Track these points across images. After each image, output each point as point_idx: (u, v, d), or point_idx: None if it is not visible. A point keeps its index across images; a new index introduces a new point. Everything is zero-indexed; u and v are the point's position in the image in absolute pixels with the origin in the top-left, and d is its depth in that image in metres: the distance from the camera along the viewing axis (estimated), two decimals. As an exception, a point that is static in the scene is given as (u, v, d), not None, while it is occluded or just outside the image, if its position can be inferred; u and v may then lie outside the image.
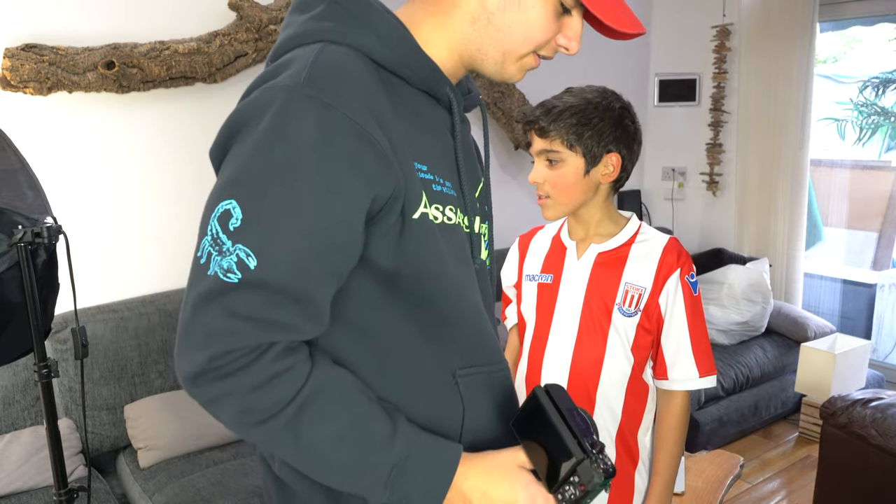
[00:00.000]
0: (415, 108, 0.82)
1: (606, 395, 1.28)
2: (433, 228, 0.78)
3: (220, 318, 0.68)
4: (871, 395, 2.27)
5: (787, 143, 3.72)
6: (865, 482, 2.17)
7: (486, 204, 0.97)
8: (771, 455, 3.17)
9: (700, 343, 1.28)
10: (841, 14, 3.72)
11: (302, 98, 0.70)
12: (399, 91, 0.80)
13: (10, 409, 2.23)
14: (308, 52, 0.75)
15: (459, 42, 0.83)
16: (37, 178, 1.38)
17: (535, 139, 1.27)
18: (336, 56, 0.74)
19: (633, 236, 1.31)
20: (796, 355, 3.40)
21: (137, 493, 2.18)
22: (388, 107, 0.75)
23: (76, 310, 1.38)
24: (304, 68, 0.72)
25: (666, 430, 1.30)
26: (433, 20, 0.83)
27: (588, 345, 1.28)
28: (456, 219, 0.82)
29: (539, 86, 3.68)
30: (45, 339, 1.34)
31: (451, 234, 0.81)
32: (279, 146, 0.69)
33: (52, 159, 2.34)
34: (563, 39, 0.84)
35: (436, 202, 0.79)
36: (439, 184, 0.81)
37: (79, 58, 2.25)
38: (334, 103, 0.70)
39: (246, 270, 0.68)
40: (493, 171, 3.64)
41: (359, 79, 0.74)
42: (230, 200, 0.69)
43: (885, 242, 4.03)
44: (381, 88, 0.76)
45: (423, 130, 0.82)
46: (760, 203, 3.88)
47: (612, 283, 1.28)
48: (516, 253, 1.45)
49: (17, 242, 1.23)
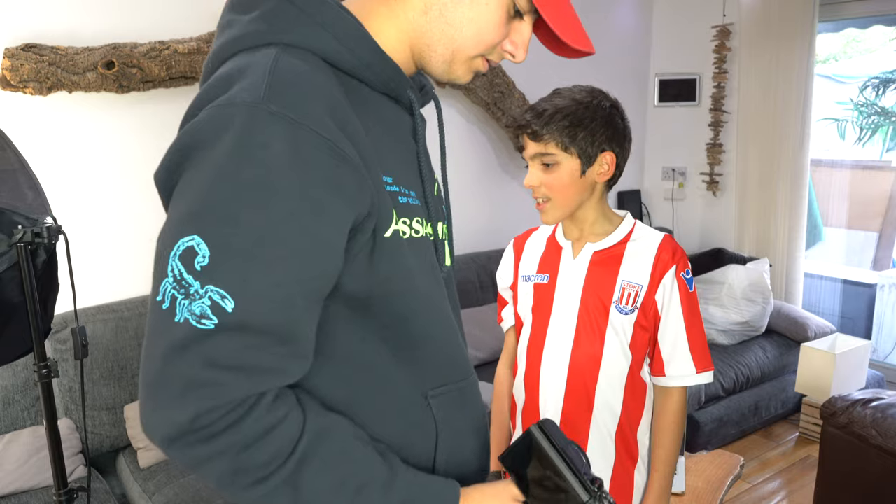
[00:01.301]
0: (378, 114, 0.76)
1: (605, 394, 1.29)
2: (402, 244, 0.73)
3: (199, 369, 0.59)
4: (871, 396, 2.27)
5: (787, 143, 3.72)
6: (865, 482, 2.17)
7: (444, 204, 0.92)
8: (771, 455, 3.17)
9: (696, 339, 1.29)
10: (841, 14, 3.72)
11: (265, 115, 0.62)
12: (360, 96, 0.74)
13: (10, 409, 2.23)
14: (261, 59, 0.67)
15: (411, 33, 0.78)
16: (37, 178, 1.38)
17: (529, 143, 1.26)
18: (294, 64, 0.67)
19: (628, 234, 1.32)
20: (796, 355, 3.40)
21: (137, 493, 2.18)
22: (354, 117, 0.69)
23: (76, 310, 1.38)
24: (262, 80, 0.64)
25: (663, 426, 1.31)
26: (386, 8, 0.77)
27: (586, 343, 1.29)
28: (423, 230, 0.78)
29: (539, 85, 3.68)
30: (45, 339, 1.34)
31: (419, 246, 0.77)
32: (248, 169, 0.61)
33: (52, 159, 2.34)
34: (509, 45, 0.81)
35: (403, 216, 0.74)
36: (405, 195, 0.76)
37: (79, 58, 2.25)
38: (302, 119, 0.63)
39: (223, 314, 0.59)
40: (494, 172, 3.65)
41: (323, 89, 0.67)
42: (192, 236, 0.60)
43: (885, 242, 4.03)
44: (343, 97, 0.70)
45: (387, 138, 0.77)
46: (760, 203, 3.88)
47: (609, 281, 1.28)
48: (511, 254, 1.45)
49: (17, 242, 1.23)
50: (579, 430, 1.30)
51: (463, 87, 3.28)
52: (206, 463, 0.62)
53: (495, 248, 3.63)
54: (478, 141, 3.55)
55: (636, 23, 4.20)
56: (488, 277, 3.41)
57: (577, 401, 1.29)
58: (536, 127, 1.23)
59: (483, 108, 3.43)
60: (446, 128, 3.45)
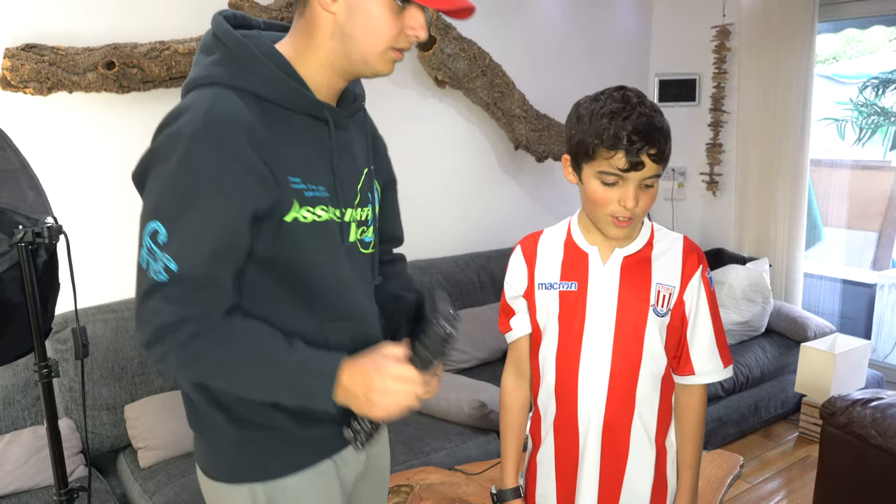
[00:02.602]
0: (296, 131, 1.03)
1: (646, 398, 1.28)
2: (302, 227, 1.02)
3: (157, 304, 0.95)
4: (871, 395, 2.27)
5: (787, 143, 3.72)
6: (865, 482, 2.17)
7: (369, 191, 1.16)
8: (771, 455, 3.17)
9: (720, 336, 1.30)
10: (841, 14, 3.72)
11: (199, 143, 0.94)
12: (282, 118, 1.02)
13: (10, 409, 2.23)
14: (205, 96, 0.98)
15: (330, 57, 1.03)
16: (37, 178, 1.38)
17: (650, 165, 1.17)
18: (225, 103, 0.97)
19: (651, 237, 1.31)
20: (796, 355, 3.40)
21: (137, 493, 2.18)
22: (268, 138, 0.98)
23: (76, 310, 1.38)
24: (199, 117, 0.95)
25: (690, 423, 1.32)
26: (305, 46, 1.04)
27: (625, 350, 1.27)
28: (327, 214, 1.05)
29: (539, 85, 3.69)
30: (46, 339, 1.34)
31: (322, 227, 1.05)
32: (185, 180, 0.94)
33: (52, 159, 2.34)
34: (409, 31, 1.02)
35: (307, 205, 1.02)
36: (312, 190, 1.03)
37: (79, 58, 2.25)
38: (224, 146, 0.94)
39: (171, 272, 0.94)
40: (494, 172, 3.65)
41: (242, 121, 0.96)
42: (156, 222, 0.95)
43: (885, 242, 4.03)
44: (263, 122, 0.98)
45: (301, 147, 1.03)
46: (760, 203, 3.88)
47: (644, 285, 1.27)
48: (521, 261, 1.37)
49: (18, 242, 1.23)
50: (621, 436, 1.29)
51: (463, 87, 3.28)
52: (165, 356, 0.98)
53: (495, 248, 3.63)
54: (477, 141, 3.56)
55: (636, 23, 4.20)
56: (488, 277, 3.41)
57: (620, 407, 1.28)
58: (664, 148, 1.17)
59: (483, 108, 3.43)
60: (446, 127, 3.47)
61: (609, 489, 1.31)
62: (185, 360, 0.97)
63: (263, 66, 1.00)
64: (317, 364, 0.99)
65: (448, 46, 3.08)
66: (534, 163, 3.73)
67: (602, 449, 1.29)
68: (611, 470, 1.30)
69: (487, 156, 3.61)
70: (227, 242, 0.96)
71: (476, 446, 2.50)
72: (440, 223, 3.46)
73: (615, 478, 1.30)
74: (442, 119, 3.40)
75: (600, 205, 1.22)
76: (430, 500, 2.00)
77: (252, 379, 0.99)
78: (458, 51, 3.12)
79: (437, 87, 3.30)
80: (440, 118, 3.39)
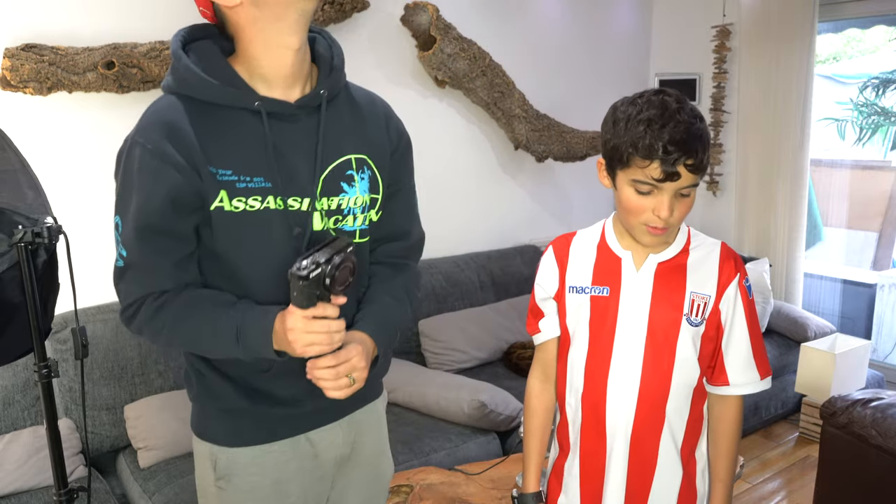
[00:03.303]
0: (231, 126, 1.12)
1: (677, 408, 1.26)
2: (229, 216, 1.11)
3: (123, 286, 1.15)
4: (871, 395, 2.27)
5: (787, 143, 3.72)
6: (865, 482, 2.17)
7: (342, 180, 1.20)
8: (771, 455, 3.17)
9: (758, 346, 1.26)
10: (841, 14, 3.72)
11: (133, 144, 1.10)
12: (217, 116, 1.12)
13: (10, 409, 2.23)
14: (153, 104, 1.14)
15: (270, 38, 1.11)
16: (37, 178, 1.38)
17: (686, 175, 1.13)
18: (158, 106, 1.12)
19: (687, 243, 1.28)
20: (796, 355, 3.40)
21: (137, 493, 2.18)
22: (193, 134, 1.09)
23: (76, 310, 1.38)
24: (139, 122, 1.11)
25: (725, 435, 1.29)
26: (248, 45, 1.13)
27: (656, 358, 1.24)
28: (263, 204, 1.12)
29: (539, 85, 3.69)
30: (45, 339, 1.34)
31: (255, 216, 1.12)
32: (124, 177, 1.12)
33: (52, 159, 2.34)
34: None
35: (238, 195, 1.11)
36: (244, 181, 1.11)
37: (79, 58, 2.25)
38: (147, 143, 1.08)
39: (123, 258, 1.13)
40: (493, 172, 3.65)
41: (163, 120, 1.09)
42: (117, 216, 1.14)
43: (885, 242, 4.03)
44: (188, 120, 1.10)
45: (235, 141, 1.12)
46: (760, 203, 3.88)
47: (678, 293, 1.23)
48: (553, 262, 1.34)
49: (18, 242, 1.23)
50: (650, 445, 1.26)
51: (463, 87, 3.28)
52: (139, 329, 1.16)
53: (495, 247, 3.63)
54: (478, 141, 3.55)
55: (636, 23, 4.20)
56: (488, 277, 3.41)
57: (649, 416, 1.25)
58: (702, 158, 1.13)
59: (483, 108, 3.43)
60: (446, 127, 3.48)
61: (635, 499, 1.28)
62: (154, 330, 1.14)
63: (192, 72, 1.11)
64: (255, 318, 1.11)
65: (448, 46, 3.08)
66: (534, 163, 3.73)
67: (629, 459, 1.26)
68: (638, 480, 1.27)
69: (487, 156, 3.61)
70: (154, 227, 1.09)
71: (476, 446, 2.50)
72: (440, 223, 3.45)
73: (642, 488, 1.28)
74: (442, 119, 3.40)
75: (634, 213, 1.19)
76: (430, 500, 2.00)
77: (208, 341, 1.14)
78: (458, 51, 3.12)
79: (437, 87, 3.30)
80: (440, 118, 3.39)
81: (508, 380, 2.91)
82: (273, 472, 1.24)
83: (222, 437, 1.23)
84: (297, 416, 1.24)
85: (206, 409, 1.25)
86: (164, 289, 1.13)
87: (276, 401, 1.21)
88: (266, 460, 1.23)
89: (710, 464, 1.31)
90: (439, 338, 3.05)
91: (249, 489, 1.23)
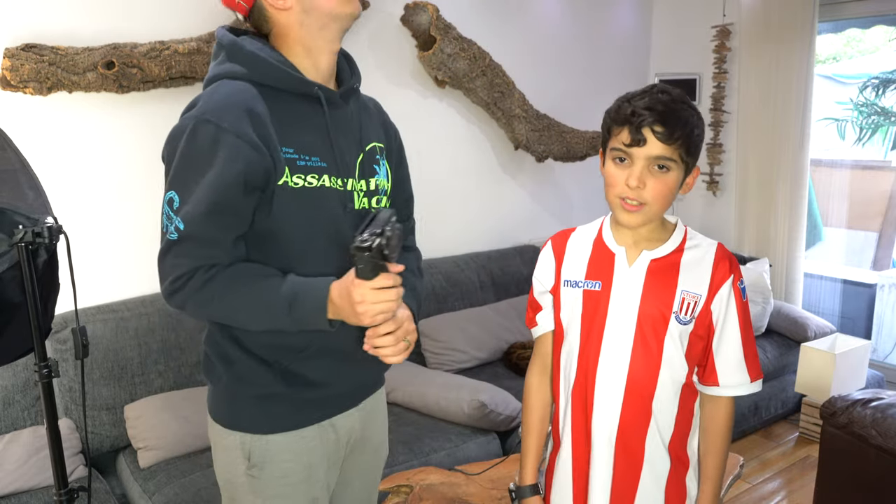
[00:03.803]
0: (292, 109, 1.20)
1: (663, 404, 1.26)
2: (291, 191, 1.18)
3: (172, 259, 1.15)
4: (871, 395, 2.27)
5: (787, 143, 3.72)
6: (865, 482, 2.17)
7: (374, 163, 1.31)
8: (771, 455, 3.17)
9: (750, 348, 1.27)
10: (841, 14, 3.72)
11: (202, 122, 1.13)
12: (280, 100, 1.19)
13: (10, 409, 2.23)
14: (213, 88, 1.18)
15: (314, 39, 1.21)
16: (37, 178, 1.38)
17: (653, 142, 1.16)
18: (226, 89, 1.17)
19: (683, 242, 1.28)
20: (796, 355, 3.40)
21: (137, 493, 2.18)
22: (263, 114, 1.15)
23: (76, 310, 1.38)
24: (204, 103, 1.15)
25: (714, 435, 1.29)
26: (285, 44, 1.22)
27: (644, 354, 1.25)
28: (319, 182, 1.21)
29: (539, 85, 3.69)
30: (46, 339, 1.34)
31: (313, 193, 1.20)
32: (191, 154, 1.13)
33: (52, 159, 2.34)
34: None
35: (298, 173, 1.19)
36: (304, 160, 1.19)
37: (79, 58, 2.25)
38: (222, 122, 1.12)
39: (180, 231, 1.13)
40: (494, 172, 3.65)
41: (237, 102, 1.14)
42: (172, 191, 1.15)
43: (885, 242, 4.03)
44: (260, 102, 1.16)
45: (297, 123, 1.20)
46: (760, 203, 3.88)
47: (668, 290, 1.24)
48: (551, 256, 1.37)
49: (18, 242, 1.23)
50: (636, 441, 1.27)
51: (463, 87, 3.28)
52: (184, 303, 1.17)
53: (495, 247, 3.63)
54: (478, 141, 3.55)
55: (636, 23, 4.20)
56: (488, 277, 3.41)
57: (635, 412, 1.26)
58: (672, 128, 1.16)
59: (483, 108, 3.43)
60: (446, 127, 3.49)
61: (622, 495, 1.29)
62: (200, 301, 1.16)
63: (255, 58, 1.18)
64: (310, 289, 1.16)
65: (448, 46, 3.08)
66: (534, 163, 3.73)
67: (615, 454, 1.27)
68: (624, 476, 1.28)
69: (487, 156, 3.61)
70: (223, 203, 1.13)
71: (476, 446, 2.50)
72: (440, 223, 3.45)
73: (629, 484, 1.28)
74: (442, 119, 3.40)
75: (611, 186, 1.22)
76: (430, 501, 2.00)
77: (256, 312, 1.17)
78: (458, 51, 3.12)
79: (437, 87, 3.30)
80: (440, 118, 3.39)
81: (508, 380, 2.91)
82: (305, 457, 1.28)
83: (258, 424, 1.26)
84: (326, 399, 1.30)
85: (238, 397, 1.27)
86: (218, 262, 1.16)
87: (309, 383, 1.26)
88: (299, 445, 1.27)
89: (700, 462, 1.32)
90: (439, 338, 3.05)
91: (282, 475, 1.26)
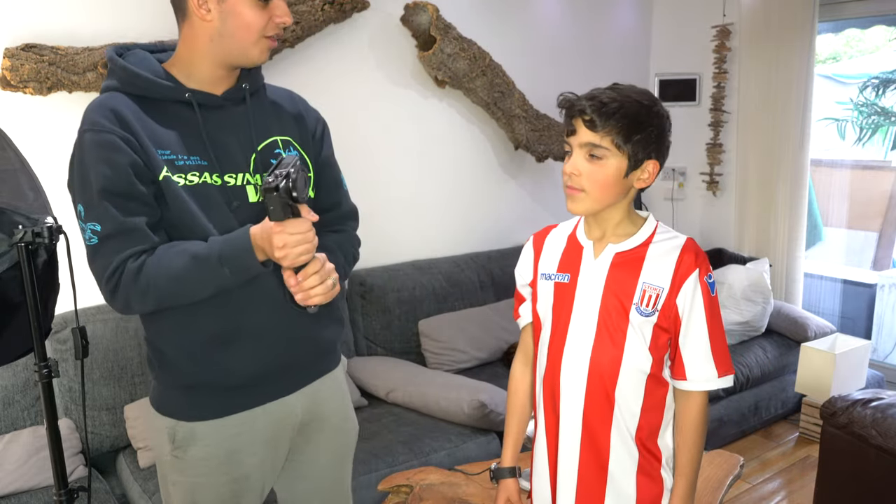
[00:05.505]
0: (168, 115, 1.28)
1: (626, 395, 1.28)
2: (176, 187, 1.25)
3: (100, 261, 1.22)
4: (871, 396, 2.27)
5: (787, 143, 3.72)
6: (865, 482, 2.17)
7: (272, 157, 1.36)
8: (771, 455, 3.17)
9: (718, 343, 1.28)
10: (841, 14, 3.72)
11: (81, 134, 1.23)
12: (156, 106, 1.27)
13: (10, 409, 2.23)
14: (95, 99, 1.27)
15: (215, 56, 1.28)
16: (37, 178, 1.38)
17: (582, 130, 1.23)
18: (97, 101, 1.26)
19: (651, 236, 1.31)
20: (796, 355, 3.40)
21: (137, 493, 2.18)
22: (127, 116, 1.23)
23: (76, 310, 1.38)
24: (83, 118, 1.24)
25: (685, 430, 1.30)
26: (191, 51, 1.29)
27: (606, 344, 1.28)
28: (201, 179, 1.27)
29: (539, 85, 3.69)
30: (46, 339, 1.34)
31: (196, 190, 1.27)
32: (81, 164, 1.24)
33: (52, 159, 2.34)
34: (277, 19, 1.27)
35: (178, 172, 1.26)
36: (182, 160, 1.26)
37: (79, 58, 2.25)
38: (96, 126, 1.22)
39: (97, 233, 1.21)
40: (493, 172, 3.65)
41: (105, 106, 1.23)
42: (79, 204, 1.24)
43: (885, 242, 4.03)
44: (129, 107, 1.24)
45: (172, 127, 1.27)
46: (760, 203, 3.88)
47: (630, 283, 1.27)
48: (531, 251, 1.43)
49: (18, 242, 1.23)
50: (600, 431, 1.29)
51: (463, 87, 3.28)
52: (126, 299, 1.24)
53: (495, 247, 3.63)
54: (477, 141, 3.55)
55: (636, 23, 4.20)
56: (488, 277, 3.41)
57: (598, 402, 1.28)
58: (596, 117, 1.21)
59: (483, 108, 3.43)
60: (446, 127, 3.49)
61: (591, 484, 1.31)
62: (140, 290, 1.21)
63: (127, 70, 1.27)
64: (232, 239, 1.23)
65: (448, 46, 3.08)
66: (534, 163, 3.73)
67: (582, 442, 1.30)
68: (592, 465, 1.31)
69: (487, 156, 3.61)
70: (120, 191, 1.20)
71: (476, 446, 2.50)
72: (440, 223, 3.46)
73: (597, 473, 1.31)
74: (442, 119, 3.40)
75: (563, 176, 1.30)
76: (430, 501, 2.00)
77: (194, 276, 1.23)
78: (458, 51, 3.12)
79: (437, 87, 3.30)
80: (440, 118, 3.39)
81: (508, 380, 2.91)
82: (226, 444, 1.35)
83: (182, 411, 1.35)
84: (252, 388, 1.36)
85: (168, 386, 1.37)
86: (140, 248, 1.22)
87: (231, 373, 1.33)
88: (221, 433, 1.35)
89: (674, 457, 1.33)
90: (439, 338, 3.05)
91: (204, 458, 1.35)
